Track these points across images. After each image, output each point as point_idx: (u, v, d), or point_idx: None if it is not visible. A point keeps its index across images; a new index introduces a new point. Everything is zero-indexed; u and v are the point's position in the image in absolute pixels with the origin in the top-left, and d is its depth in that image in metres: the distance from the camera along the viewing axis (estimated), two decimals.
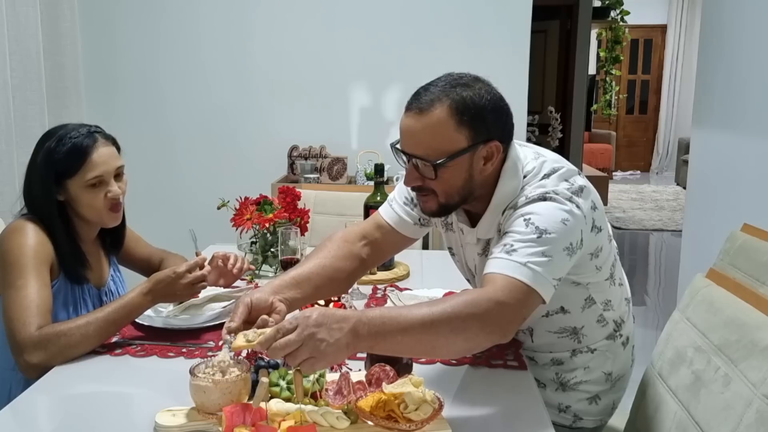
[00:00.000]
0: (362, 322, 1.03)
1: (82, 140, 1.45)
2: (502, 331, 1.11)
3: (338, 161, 3.33)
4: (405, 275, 1.93)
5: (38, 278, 1.38)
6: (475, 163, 1.22)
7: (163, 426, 1.03)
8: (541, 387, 1.43)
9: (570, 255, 1.18)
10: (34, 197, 1.48)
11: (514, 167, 1.26)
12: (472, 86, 1.23)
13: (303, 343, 0.98)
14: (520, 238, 1.16)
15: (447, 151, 1.20)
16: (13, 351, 1.31)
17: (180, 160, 3.54)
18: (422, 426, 1.01)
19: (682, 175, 8.31)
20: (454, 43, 3.38)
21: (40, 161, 1.45)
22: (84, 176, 1.44)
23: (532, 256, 1.13)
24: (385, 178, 2.14)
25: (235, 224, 1.94)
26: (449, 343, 1.08)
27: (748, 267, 1.41)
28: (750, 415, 0.93)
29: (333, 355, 1.01)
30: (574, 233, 1.18)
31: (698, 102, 3.19)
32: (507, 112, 1.26)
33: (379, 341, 1.05)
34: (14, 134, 2.79)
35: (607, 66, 7.89)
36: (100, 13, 3.45)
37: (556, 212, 1.18)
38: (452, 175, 1.22)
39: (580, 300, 1.35)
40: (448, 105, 1.20)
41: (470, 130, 1.20)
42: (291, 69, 3.45)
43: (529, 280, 1.12)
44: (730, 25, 2.83)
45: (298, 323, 1.00)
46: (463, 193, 1.25)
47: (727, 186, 2.79)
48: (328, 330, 1.00)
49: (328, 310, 1.04)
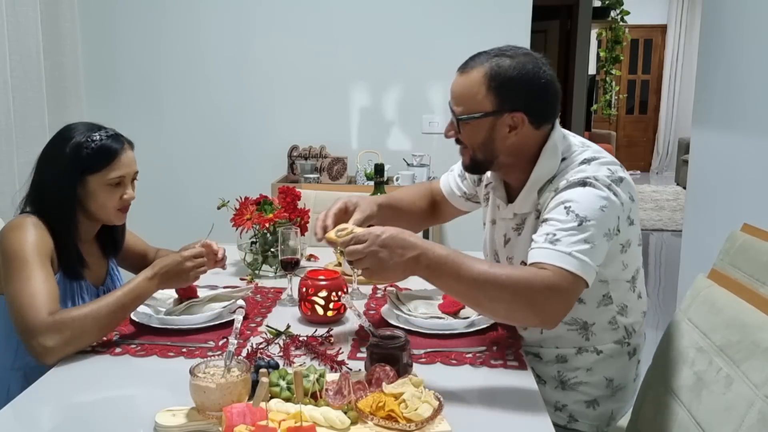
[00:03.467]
0: (426, 255, 1.17)
1: (112, 141, 1.51)
2: (548, 316, 1.18)
3: (338, 161, 3.33)
4: None
5: (43, 269, 1.38)
6: (498, 128, 1.31)
7: (163, 426, 1.02)
8: (541, 384, 1.43)
9: (608, 240, 1.24)
10: (50, 188, 1.49)
11: (554, 148, 1.33)
12: (514, 58, 1.31)
13: (366, 256, 1.16)
14: (562, 227, 1.21)
15: (472, 110, 1.30)
16: (26, 336, 1.30)
17: (180, 159, 3.54)
18: (422, 426, 1.01)
19: (682, 175, 8.31)
20: (454, 43, 3.38)
21: (69, 153, 1.47)
22: (108, 174, 1.49)
23: (576, 245, 1.18)
24: (385, 178, 2.14)
25: (235, 224, 1.94)
26: (492, 306, 1.19)
27: (748, 267, 1.40)
28: (752, 416, 0.92)
29: (388, 274, 1.18)
30: (611, 219, 1.24)
31: (698, 102, 3.19)
32: (547, 91, 1.32)
33: (434, 278, 1.19)
34: (14, 134, 2.79)
35: (607, 66, 7.90)
36: (100, 13, 3.45)
37: (595, 198, 1.22)
38: (474, 133, 1.33)
39: (598, 294, 1.36)
40: (485, 71, 1.29)
41: (497, 97, 1.29)
42: (291, 69, 3.45)
43: (576, 268, 1.17)
44: (730, 25, 2.83)
45: (368, 237, 1.17)
46: (486, 152, 1.34)
47: (727, 186, 2.79)
48: (390, 252, 1.16)
49: (399, 233, 1.19)
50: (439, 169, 3.39)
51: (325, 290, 1.51)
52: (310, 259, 2.09)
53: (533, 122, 1.31)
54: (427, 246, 1.18)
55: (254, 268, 1.94)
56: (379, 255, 1.16)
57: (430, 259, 1.17)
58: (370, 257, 1.17)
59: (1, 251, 1.40)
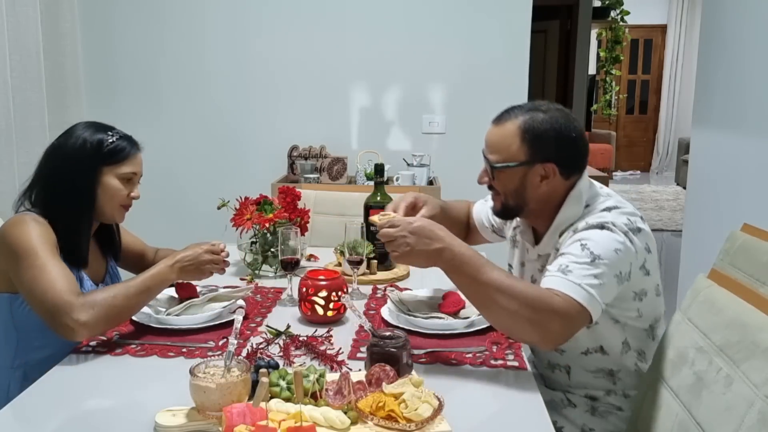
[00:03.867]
0: (450, 250, 1.26)
1: (127, 140, 1.58)
2: (547, 336, 1.23)
3: (338, 161, 3.33)
4: (405, 275, 1.92)
5: (54, 257, 1.40)
6: (530, 177, 1.38)
7: (163, 426, 1.02)
8: (571, 406, 1.46)
9: (619, 283, 1.28)
10: (66, 181, 1.51)
11: (578, 196, 1.40)
12: (547, 112, 1.38)
13: (396, 239, 1.27)
14: (576, 260, 1.27)
15: (506, 159, 1.38)
16: (57, 315, 1.30)
17: (180, 159, 3.54)
18: (422, 426, 1.01)
19: (682, 175, 8.31)
20: (454, 43, 3.38)
21: (91, 146, 1.51)
22: (123, 168, 1.55)
23: (586, 278, 1.24)
24: (385, 178, 2.14)
25: (235, 224, 1.94)
26: (498, 313, 1.25)
27: (748, 267, 1.40)
28: (752, 416, 0.92)
29: (412, 259, 1.29)
30: (623, 263, 1.29)
31: (698, 102, 3.19)
32: (576, 144, 1.39)
33: (452, 273, 1.28)
34: (14, 134, 2.79)
35: (607, 66, 7.89)
36: (100, 13, 3.45)
37: (611, 241, 1.28)
38: (507, 181, 1.39)
39: (617, 342, 1.40)
40: (519, 123, 1.37)
41: (531, 148, 1.36)
42: (291, 69, 3.45)
43: (583, 299, 1.22)
44: (730, 25, 2.83)
45: (401, 223, 1.29)
46: (517, 199, 1.41)
47: (727, 186, 2.79)
48: (418, 239, 1.26)
49: (430, 224, 1.29)
50: (439, 169, 3.39)
51: (325, 290, 1.51)
52: (310, 259, 2.09)
53: (563, 173, 1.38)
54: (452, 242, 1.27)
55: (254, 268, 1.94)
56: (407, 240, 1.27)
57: (452, 254, 1.26)
58: (400, 241, 1.27)
59: (9, 247, 1.40)
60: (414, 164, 3.27)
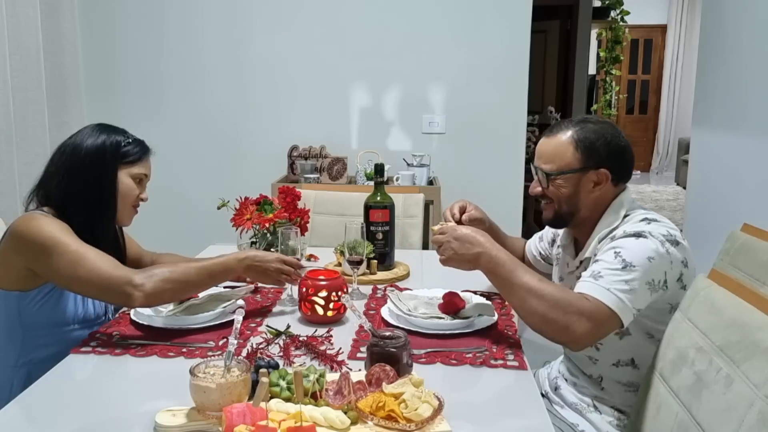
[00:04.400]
0: (487, 254, 1.39)
1: (141, 144, 1.62)
2: (575, 338, 1.28)
3: (338, 161, 3.33)
4: (405, 275, 1.92)
5: (84, 243, 1.41)
6: (584, 183, 1.45)
7: (163, 426, 1.02)
8: (597, 412, 1.46)
9: (651, 291, 1.31)
10: (89, 179, 1.51)
11: (619, 205, 1.46)
12: (597, 124, 1.47)
13: (443, 244, 1.44)
14: (607, 267, 1.32)
15: (561, 168, 1.45)
16: (115, 285, 1.35)
17: (180, 159, 3.54)
18: (422, 426, 1.01)
19: (682, 175, 8.30)
20: (454, 43, 3.38)
21: (110, 146, 1.54)
22: (137, 168, 1.58)
23: (616, 284, 1.29)
24: (385, 178, 2.14)
25: (235, 224, 1.94)
26: (529, 313, 1.33)
27: (748, 267, 1.41)
28: (752, 416, 0.92)
29: (455, 263, 1.45)
30: (657, 271, 1.31)
31: (698, 102, 3.19)
32: (625, 152, 1.48)
33: (490, 275, 1.41)
34: (14, 134, 2.79)
35: (607, 66, 7.88)
36: (100, 13, 3.45)
37: (645, 249, 1.32)
38: (562, 188, 1.46)
39: (649, 358, 1.39)
40: (571, 133, 1.45)
41: (584, 156, 1.44)
42: (291, 69, 3.45)
43: (612, 303, 1.27)
44: (730, 25, 2.83)
45: (448, 230, 1.45)
46: (571, 204, 1.47)
47: (727, 186, 2.79)
48: (461, 244, 1.42)
49: (473, 231, 1.44)
50: (439, 169, 3.39)
51: (325, 290, 1.51)
52: (310, 259, 2.09)
53: (614, 179, 1.45)
54: (490, 247, 1.40)
55: None
56: (451, 245, 1.43)
57: (489, 257, 1.39)
58: (446, 246, 1.44)
59: (29, 243, 1.39)
60: (414, 164, 3.27)
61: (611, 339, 1.39)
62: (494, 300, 1.65)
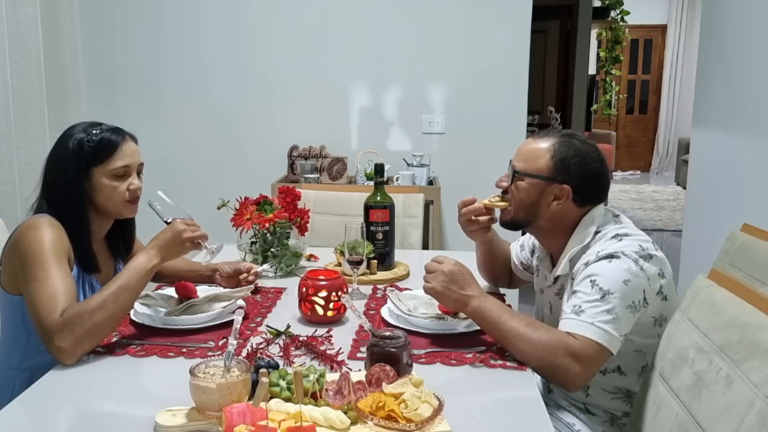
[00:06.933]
0: (474, 300, 1.36)
1: (112, 134, 1.52)
2: (567, 379, 1.28)
3: (338, 161, 3.33)
4: (405, 275, 1.93)
5: (60, 268, 1.37)
6: (545, 194, 1.45)
7: (163, 426, 1.02)
8: (590, 414, 1.46)
9: (633, 312, 1.31)
10: (59, 186, 1.48)
11: (589, 221, 1.46)
12: (582, 143, 1.48)
13: (433, 275, 1.40)
14: (587, 299, 1.31)
15: (530, 170, 1.47)
16: (44, 340, 1.29)
17: (180, 160, 3.54)
18: (422, 426, 1.01)
19: (682, 175, 8.30)
20: (454, 43, 3.38)
21: (72, 148, 1.48)
22: (112, 164, 1.49)
23: (598, 316, 1.28)
24: (385, 178, 2.14)
25: (235, 224, 1.94)
26: (522, 358, 1.31)
27: (748, 267, 1.41)
28: (752, 416, 0.92)
29: (441, 297, 1.40)
30: (635, 292, 1.31)
31: (698, 102, 3.19)
32: (598, 179, 1.47)
33: (475, 320, 1.38)
34: (14, 134, 2.79)
35: (607, 66, 7.89)
36: (100, 13, 3.45)
37: (619, 272, 1.31)
38: (525, 191, 1.47)
39: (637, 366, 1.41)
40: (553, 143, 1.46)
41: (555, 167, 1.44)
42: (291, 69, 3.45)
43: (598, 337, 1.27)
44: (730, 25, 2.83)
45: (441, 262, 1.41)
46: (528, 212, 1.48)
47: (727, 186, 2.79)
48: (450, 282, 1.38)
49: (465, 273, 1.40)
50: (439, 169, 3.39)
51: (325, 290, 1.51)
52: (310, 259, 2.09)
53: (576, 200, 1.45)
54: (477, 294, 1.37)
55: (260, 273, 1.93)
56: (439, 279, 1.39)
57: (475, 305, 1.36)
58: (435, 277, 1.40)
59: (20, 252, 1.39)
60: (414, 164, 3.27)
61: None
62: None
